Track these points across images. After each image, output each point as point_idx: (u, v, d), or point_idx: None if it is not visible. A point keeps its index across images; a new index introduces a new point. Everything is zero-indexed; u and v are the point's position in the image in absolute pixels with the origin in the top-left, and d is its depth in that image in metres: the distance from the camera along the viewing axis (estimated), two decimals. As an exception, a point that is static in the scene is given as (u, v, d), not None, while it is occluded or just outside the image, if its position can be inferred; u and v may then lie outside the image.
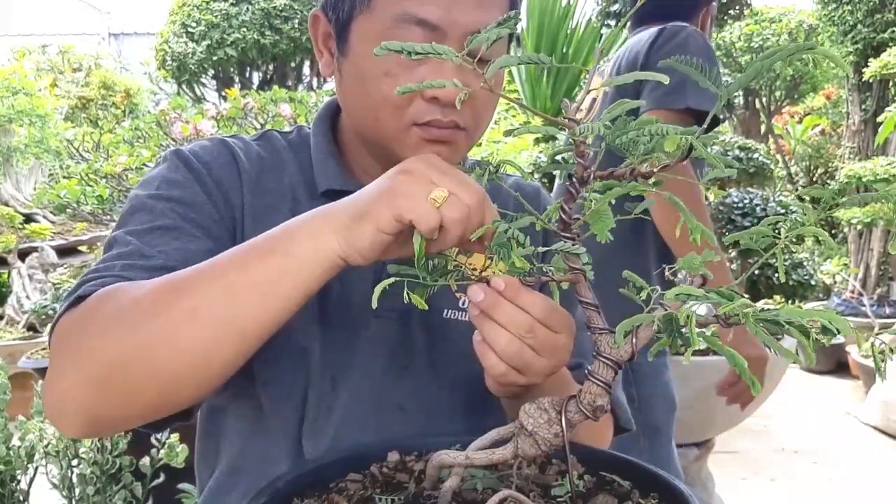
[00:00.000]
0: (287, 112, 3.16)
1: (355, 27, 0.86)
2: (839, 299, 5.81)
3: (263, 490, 0.65)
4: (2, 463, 1.98)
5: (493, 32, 0.55)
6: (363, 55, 0.85)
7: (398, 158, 0.89)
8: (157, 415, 0.74)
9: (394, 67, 0.82)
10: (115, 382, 0.69)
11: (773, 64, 0.47)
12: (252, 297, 0.69)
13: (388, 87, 0.83)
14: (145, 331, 0.69)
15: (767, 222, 0.55)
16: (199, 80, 7.59)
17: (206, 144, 0.95)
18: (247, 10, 7.18)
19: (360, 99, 0.88)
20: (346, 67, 0.89)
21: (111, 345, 0.69)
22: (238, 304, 0.68)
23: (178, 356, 0.69)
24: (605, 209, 0.57)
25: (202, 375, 0.70)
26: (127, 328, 0.69)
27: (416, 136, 0.85)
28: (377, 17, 0.83)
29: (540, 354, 0.72)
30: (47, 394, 0.73)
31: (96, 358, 0.69)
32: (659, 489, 0.66)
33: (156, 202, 0.87)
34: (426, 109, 0.83)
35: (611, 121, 0.54)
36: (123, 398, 0.71)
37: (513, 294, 0.70)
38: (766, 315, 0.49)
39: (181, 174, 0.90)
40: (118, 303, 0.71)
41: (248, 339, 0.70)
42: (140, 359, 0.68)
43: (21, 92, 5.82)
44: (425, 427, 0.91)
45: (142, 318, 0.69)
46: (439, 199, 0.65)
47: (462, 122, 0.85)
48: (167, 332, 0.68)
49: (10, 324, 4.83)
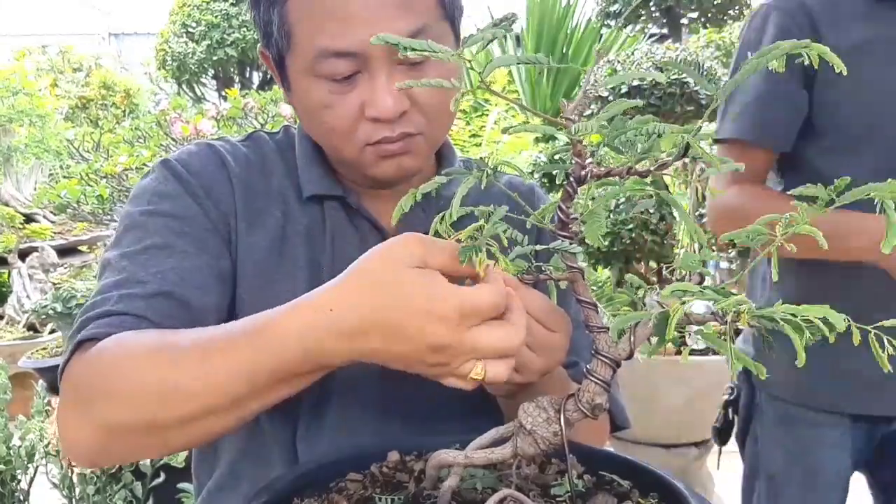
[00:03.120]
0: (287, 112, 3.16)
1: (288, 65, 0.86)
2: (839, 299, 5.80)
3: (263, 490, 0.66)
4: (2, 462, 1.98)
5: (489, 33, 0.55)
6: (300, 90, 0.86)
7: (365, 174, 0.89)
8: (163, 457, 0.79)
9: (328, 97, 0.82)
10: (119, 442, 0.73)
11: (769, 62, 0.48)
12: (251, 397, 0.68)
13: (330, 118, 0.84)
14: (146, 406, 0.70)
15: (764, 221, 0.56)
16: (199, 80, 7.60)
17: (194, 150, 0.95)
18: (247, 10, 7.18)
19: (313, 130, 0.90)
20: (294, 101, 0.90)
21: (115, 410, 0.71)
22: (237, 399, 0.68)
23: (178, 430, 0.70)
24: (599, 211, 0.57)
25: (202, 441, 0.74)
26: (129, 398, 0.70)
27: (372, 156, 0.86)
28: (300, 56, 0.83)
29: (536, 353, 0.72)
30: (61, 435, 0.77)
31: (102, 419, 0.72)
32: (658, 489, 0.66)
33: (147, 219, 0.87)
34: (373, 129, 0.83)
35: (608, 120, 0.54)
36: (127, 454, 0.78)
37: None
38: (763, 312, 0.49)
39: (171, 186, 0.90)
40: (121, 366, 0.72)
41: (250, 415, 0.71)
42: (142, 427, 0.71)
43: (21, 92, 5.83)
44: (420, 430, 0.91)
45: (143, 390, 0.70)
46: (478, 376, 0.62)
47: (414, 129, 0.85)
48: (167, 409, 0.69)
49: (10, 324, 4.83)
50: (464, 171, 0.67)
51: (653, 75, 0.53)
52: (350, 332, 0.62)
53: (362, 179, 0.93)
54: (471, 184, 0.66)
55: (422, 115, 0.85)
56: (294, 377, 0.67)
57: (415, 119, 0.84)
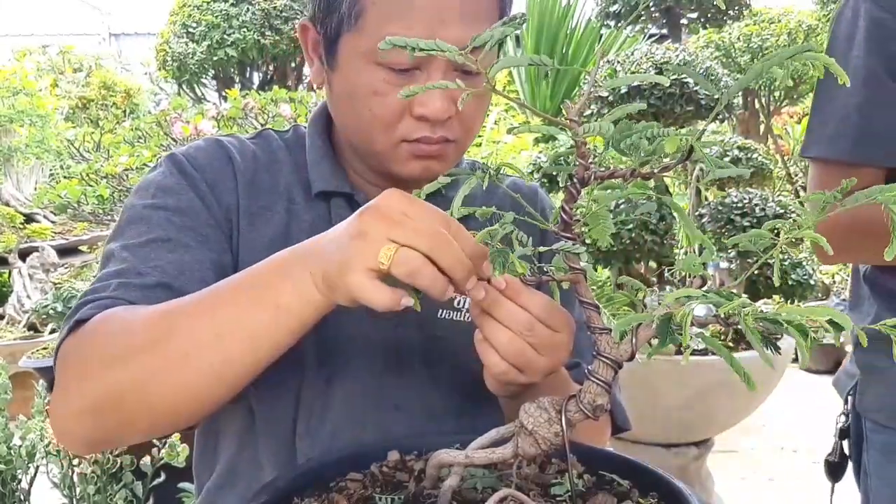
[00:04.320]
0: (287, 112, 3.17)
1: (343, 44, 0.85)
2: (838, 299, 5.80)
3: (263, 489, 0.66)
4: (3, 462, 1.98)
5: (499, 31, 0.55)
6: (351, 73, 0.85)
7: (389, 169, 0.89)
8: (154, 437, 0.78)
9: (382, 86, 0.82)
10: (111, 412, 0.73)
11: (772, 66, 0.48)
12: (243, 344, 0.70)
13: (377, 106, 0.84)
14: (139, 367, 0.71)
15: (767, 226, 0.56)
16: (199, 80, 7.59)
17: (201, 146, 0.96)
18: (247, 10, 7.18)
19: (350, 115, 0.89)
20: (336, 81, 0.89)
21: (107, 377, 0.72)
22: (229, 351, 0.70)
23: (169, 393, 0.71)
24: (603, 212, 0.57)
25: (194, 409, 0.74)
26: (121, 362, 0.72)
27: (405, 152, 0.86)
28: (364, 38, 0.82)
29: (540, 353, 0.72)
30: (52, 415, 0.77)
31: (93, 388, 0.72)
32: (658, 488, 0.66)
33: (151, 212, 0.88)
34: (415, 127, 0.84)
35: (613, 122, 0.54)
36: (118, 426, 0.75)
37: (514, 293, 0.70)
38: (766, 314, 0.49)
39: (175, 180, 0.90)
40: (113, 334, 0.74)
41: (240, 379, 0.72)
42: (133, 392, 0.71)
43: (22, 92, 5.82)
44: (420, 427, 0.91)
45: (136, 353, 0.71)
46: (386, 259, 0.63)
47: (452, 136, 0.86)
48: (159, 371, 0.71)
49: (10, 323, 4.83)
50: (468, 172, 0.67)
51: (655, 78, 0.54)
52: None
53: (380, 176, 0.93)
54: (473, 184, 0.66)
55: (460, 124, 0.86)
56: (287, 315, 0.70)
57: (454, 126, 0.85)
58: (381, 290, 0.64)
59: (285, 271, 0.71)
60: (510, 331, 0.71)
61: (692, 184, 3.36)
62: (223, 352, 0.70)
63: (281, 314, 0.69)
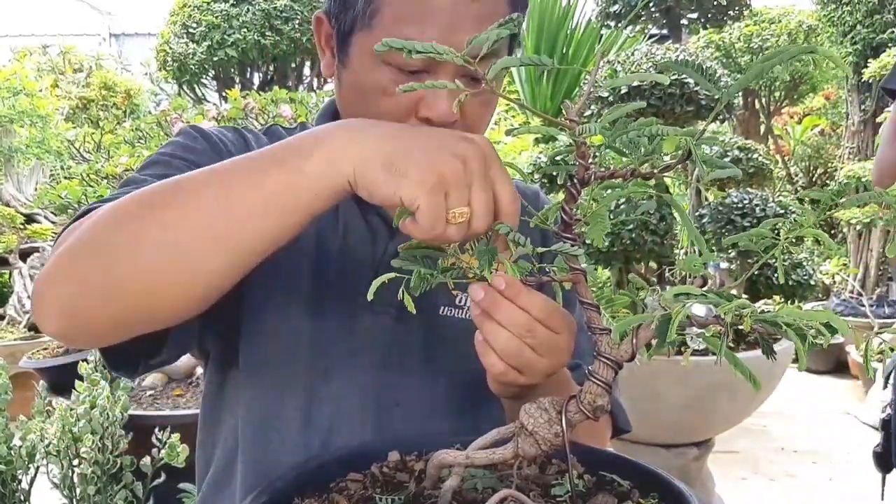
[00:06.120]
0: (287, 113, 3.17)
1: (355, 41, 0.86)
2: (838, 299, 5.81)
3: (264, 489, 0.66)
4: (3, 463, 1.98)
5: (494, 33, 0.55)
6: (362, 70, 0.85)
7: None
8: (136, 323, 0.71)
9: (390, 84, 0.82)
10: (99, 270, 0.67)
11: (773, 66, 0.48)
12: (253, 205, 0.66)
13: (384, 104, 0.83)
14: (137, 223, 0.67)
15: (768, 224, 0.56)
16: (199, 80, 7.58)
17: (222, 128, 0.97)
18: (247, 10, 7.18)
19: (358, 110, 0.89)
20: (346, 77, 0.89)
21: (100, 233, 0.68)
22: (236, 210, 0.66)
23: (165, 253, 0.66)
24: (602, 212, 0.57)
25: (187, 282, 0.68)
26: (119, 219, 0.68)
27: None
28: (377, 37, 0.82)
29: (540, 354, 0.72)
30: (36, 299, 0.71)
31: (82, 244, 0.68)
32: (658, 489, 0.66)
33: (171, 158, 0.88)
34: None
35: (611, 122, 0.54)
36: (105, 290, 0.68)
37: (513, 294, 0.70)
38: (765, 316, 0.49)
39: (199, 143, 0.92)
40: (116, 203, 0.70)
41: (241, 250, 0.67)
42: (126, 249, 0.66)
43: (22, 92, 5.82)
44: (420, 424, 0.92)
45: (136, 210, 0.68)
46: (457, 219, 0.63)
47: None
48: (158, 227, 0.66)
49: (11, 324, 4.83)
50: None
51: (655, 78, 0.54)
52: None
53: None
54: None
55: (465, 128, 0.85)
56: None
57: (459, 128, 0.85)
58: (440, 226, 0.64)
59: (321, 140, 0.68)
60: (509, 332, 0.71)
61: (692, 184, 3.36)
62: (229, 209, 0.66)
63: (302, 178, 0.66)
